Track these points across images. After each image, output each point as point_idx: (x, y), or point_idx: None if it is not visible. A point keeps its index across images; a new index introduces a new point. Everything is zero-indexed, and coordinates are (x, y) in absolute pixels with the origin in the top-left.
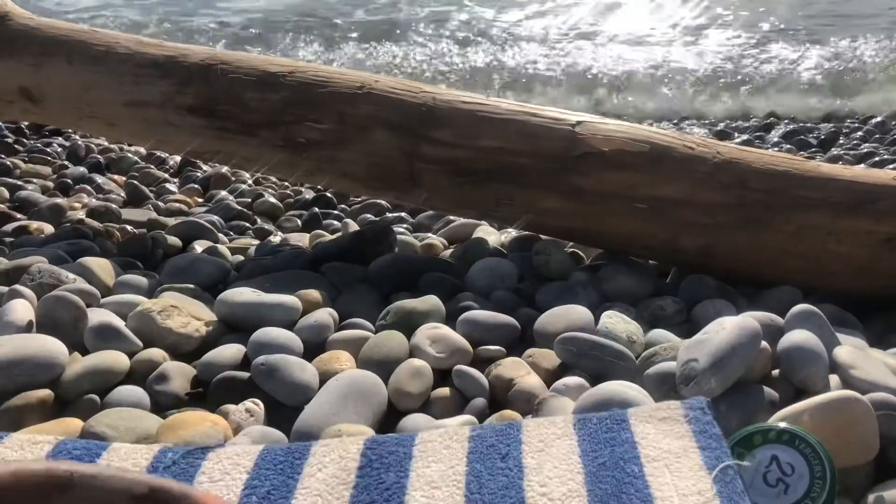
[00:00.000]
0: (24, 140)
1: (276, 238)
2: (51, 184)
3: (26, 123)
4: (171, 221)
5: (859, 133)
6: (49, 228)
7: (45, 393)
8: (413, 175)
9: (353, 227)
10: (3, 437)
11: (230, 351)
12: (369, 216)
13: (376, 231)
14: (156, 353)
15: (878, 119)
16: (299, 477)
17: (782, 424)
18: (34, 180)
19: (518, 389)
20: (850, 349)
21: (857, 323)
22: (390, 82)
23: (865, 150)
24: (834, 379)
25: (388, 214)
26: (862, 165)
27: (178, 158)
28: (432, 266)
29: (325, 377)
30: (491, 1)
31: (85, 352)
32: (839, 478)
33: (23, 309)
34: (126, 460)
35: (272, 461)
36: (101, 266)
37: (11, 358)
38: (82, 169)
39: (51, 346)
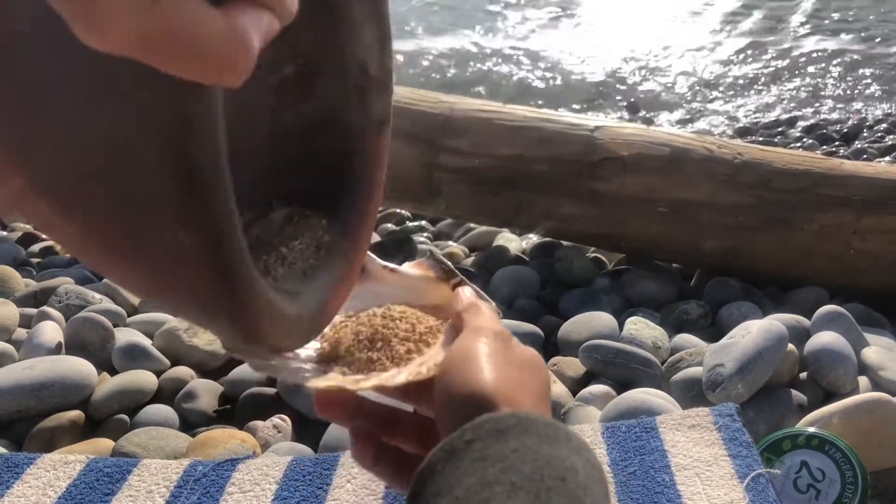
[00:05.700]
0: None
1: None
2: None
3: None
4: None
5: (883, 125)
6: None
7: (76, 414)
8: (432, 184)
9: (374, 237)
10: (35, 458)
11: None
12: (390, 226)
13: (397, 241)
14: (183, 371)
15: None
16: (328, 488)
17: (811, 429)
18: None
19: None
20: (879, 349)
21: (886, 322)
22: (407, 93)
23: (890, 143)
24: (863, 380)
25: (409, 223)
26: (887, 159)
27: None
28: None
29: None
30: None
31: (113, 372)
32: (871, 481)
33: (52, 331)
34: (157, 475)
35: (301, 472)
36: None
37: (42, 380)
38: None
39: (80, 367)
